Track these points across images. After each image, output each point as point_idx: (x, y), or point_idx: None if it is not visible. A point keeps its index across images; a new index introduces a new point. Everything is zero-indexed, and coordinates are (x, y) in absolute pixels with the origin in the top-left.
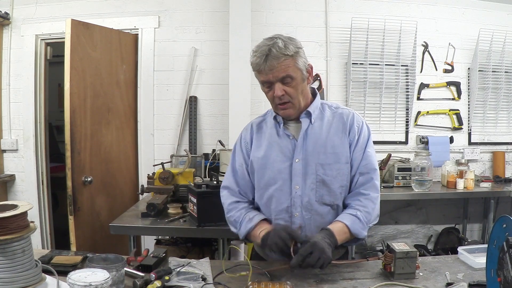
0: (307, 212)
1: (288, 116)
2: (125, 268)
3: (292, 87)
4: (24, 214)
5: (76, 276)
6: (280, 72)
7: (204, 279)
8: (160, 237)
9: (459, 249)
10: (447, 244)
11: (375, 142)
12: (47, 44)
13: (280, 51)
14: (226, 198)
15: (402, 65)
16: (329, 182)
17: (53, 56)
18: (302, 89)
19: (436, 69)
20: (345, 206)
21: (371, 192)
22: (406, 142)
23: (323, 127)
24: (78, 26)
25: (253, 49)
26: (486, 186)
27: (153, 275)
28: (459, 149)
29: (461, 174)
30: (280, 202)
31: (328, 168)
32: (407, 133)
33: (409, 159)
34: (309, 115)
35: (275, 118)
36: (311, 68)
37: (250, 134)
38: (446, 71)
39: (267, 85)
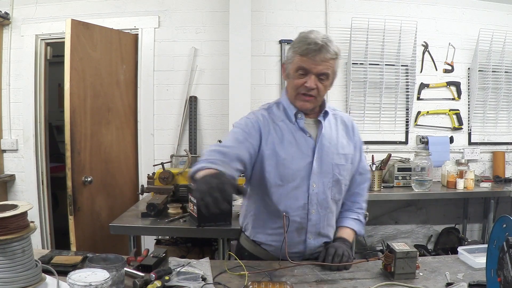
0: (323, 209)
1: (306, 109)
2: (125, 268)
3: (323, 85)
4: (24, 214)
5: (76, 276)
6: (324, 67)
7: (204, 279)
8: (160, 237)
9: (459, 249)
10: (447, 244)
11: (375, 142)
12: (47, 44)
13: (334, 49)
14: (211, 148)
15: (402, 65)
16: (342, 181)
17: (53, 56)
18: (327, 91)
19: (436, 69)
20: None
21: (365, 192)
22: (406, 142)
23: (332, 128)
24: (78, 26)
25: (299, 37)
26: (486, 186)
27: (153, 275)
28: (459, 149)
29: (461, 174)
30: (296, 199)
31: (342, 169)
32: (407, 133)
33: (409, 159)
34: (326, 115)
35: (295, 114)
36: (335, 78)
37: (264, 121)
38: (446, 71)
39: (302, 72)
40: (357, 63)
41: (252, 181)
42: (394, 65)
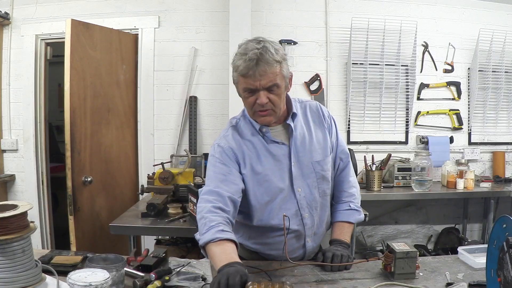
0: (314, 210)
1: (267, 123)
2: (125, 268)
3: (276, 95)
4: (24, 214)
5: (76, 276)
6: (268, 79)
7: (204, 279)
8: (160, 237)
9: (459, 249)
10: (447, 244)
11: (375, 142)
12: (47, 44)
13: (272, 56)
14: (207, 201)
15: (402, 65)
16: (327, 175)
17: (53, 56)
18: (284, 96)
19: (436, 69)
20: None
21: (351, 177)
22: (406, 142)
23: (303, 124)
24: (78, 26)
25: (239, 50)
26: (486, 186)
27: (153, 275)
28: (459, 149)
29: (461, 174)
30: (288, 208)
31: (323, 163)
32: (407, 133)
33: (409, 159)
34: (294, 116)
35: (260, 129)
36: (291, 76)
37: (236, 144)
38: (446, 71)
39: (249, 91)
40: (357, 63)
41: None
42: (394, 65)
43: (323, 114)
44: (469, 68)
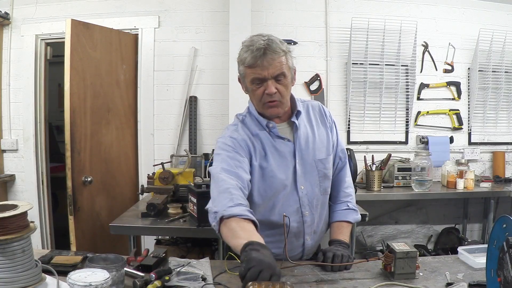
0: (315, 208)
1: (275, 115)
2: (125, 268)
3: (283, 86)
4: (24, 214)
5: (76, 276)
6: (276, 68)
7: (204, 279)
8: (160, 237)
9: (459, 249)
10: (447, 244)
11: (375, 142)
12: (47, 44)
13: (278, 46)
14: (231, 179)
15: (402, 65)
16: (329, 173)
17: (53, 56)
18: (290, 89)
19: (436, 69)
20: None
21: (347, 177)
22: (406, 142)
23: (306, 123)
24: (78, 26)
25: (245, 43)
26: (486, 186)
27: (153, 275)
28: (459, 149)
29: (461, 174)
30: (289, 205)
31: (326, 162)
32: (407, 133)
33: (409, 159)
34: (299, 114)
35: (267, 125)
36: (295, 71)
37: (248, 138)
38: (446, 71)
39: (258, 82)
40: (357, 63)
41: None
42: (394, 65)
43: (325, 113)
44: (469, 68)
